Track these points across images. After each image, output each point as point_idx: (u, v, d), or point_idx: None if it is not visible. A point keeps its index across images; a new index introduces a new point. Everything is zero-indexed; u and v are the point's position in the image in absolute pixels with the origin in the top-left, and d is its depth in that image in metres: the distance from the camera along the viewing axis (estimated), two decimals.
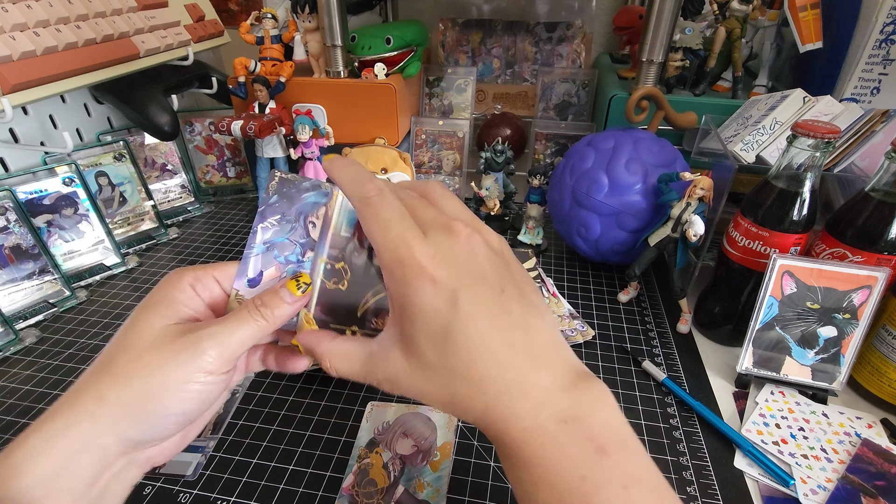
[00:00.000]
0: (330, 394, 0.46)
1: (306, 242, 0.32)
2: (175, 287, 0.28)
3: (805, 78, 0.68)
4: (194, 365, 0.25)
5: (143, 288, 0.61)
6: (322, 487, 0.38)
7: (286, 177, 0.32)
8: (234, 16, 1.04)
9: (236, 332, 0.27)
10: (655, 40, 0.61)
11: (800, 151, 0.43)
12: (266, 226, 0.31)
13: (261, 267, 0.31)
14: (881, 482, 0.38)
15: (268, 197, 0.32)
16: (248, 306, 0.28)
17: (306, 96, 0.72)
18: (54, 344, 0.52)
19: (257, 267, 0.31)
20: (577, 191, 0.58)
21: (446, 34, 0.93)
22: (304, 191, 0.32)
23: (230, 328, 0.27)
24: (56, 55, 0.54)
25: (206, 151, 0.80)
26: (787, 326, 0.45)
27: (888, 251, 0.42)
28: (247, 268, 0.31)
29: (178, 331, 0.26)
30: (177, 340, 0.26)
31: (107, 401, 0.24)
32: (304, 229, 0.32)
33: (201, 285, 0.29)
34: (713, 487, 0.38)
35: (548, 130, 0.81)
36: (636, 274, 0.55)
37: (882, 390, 0.45)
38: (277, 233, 0.32)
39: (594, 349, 0.52)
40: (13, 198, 0.54)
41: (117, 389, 0.25)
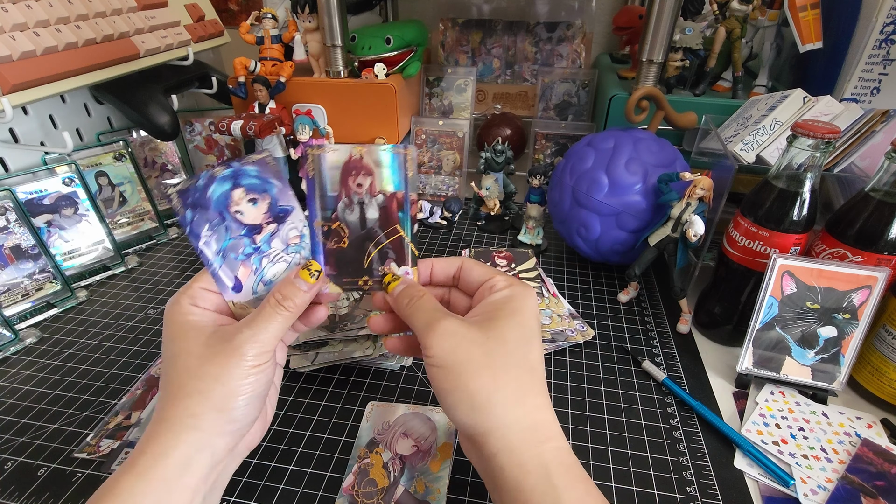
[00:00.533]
0: (330, 394, 0.46)
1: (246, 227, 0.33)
2: (182, 313, 0.31)
3: (805, 78, 0.68)
4: (242, 367, 0.29)
5: (143, 288, 0.61)
6: (322, 487, 0.38)
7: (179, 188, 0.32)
8: (234, 16, 1.04)
9: (267, 328, 0.30)
10: (655, 40, 0.61)
11: (800, 151, 0.43)
12: (205, 241, 0.32)
13: (232, 273, 0.33)
14: (881, 482, 0.38)
15: (184, 218, 0.32)
16: (270, 302, 0.31)
17: (306, 96, 0.72)
18: (54, 344, 0.52)
19: (229, 275, 0.33)
20: (577, 191, 0.58)
21: (446, 34, 0.93)
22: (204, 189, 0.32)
23: (261, 326, 0.30)
24: (56, 55, 0.54)
25: (206, 151, 0.80)
26: (787, 326, 0.45)
27: (888, 251, 0.42)
28: (222, 282, 0.32)
29: (217, 342, 0.30)
30: (219, 353, 0.29)
31: (200, 413, 0.29)
32: (233, 220, 0.33)
33: (199, 299, 0.32)
34: (713, 487, 0.38)
35: (548, 130, 0.81)
36: (636, 274, 0.55)
37: (882, 390, 0.45)
38: (218, 239, 0.32)
39: (594, 349, 0.52)
40: (13, 198, 0.54)
41: (203, 402, 0.29)
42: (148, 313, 0.56)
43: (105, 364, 0.49)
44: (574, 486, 0.28)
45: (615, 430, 0.43)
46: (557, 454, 0.28)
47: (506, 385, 0.29)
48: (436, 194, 0.80)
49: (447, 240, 0.71)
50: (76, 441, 0.41)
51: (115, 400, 0.45)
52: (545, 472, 0.27)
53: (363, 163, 0.33)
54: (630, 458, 0.41)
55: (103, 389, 0.46)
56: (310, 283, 0.32)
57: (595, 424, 0.43)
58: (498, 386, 0.28)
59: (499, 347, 0.29)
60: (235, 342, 0.29)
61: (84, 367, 0.49)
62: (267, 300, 0.31)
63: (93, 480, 0.38)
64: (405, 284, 0.33)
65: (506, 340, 0.30)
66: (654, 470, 0.40)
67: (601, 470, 0.40)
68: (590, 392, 0.47)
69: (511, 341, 0.30)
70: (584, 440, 0.42)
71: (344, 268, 0.34)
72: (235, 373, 0.29)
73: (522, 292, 0.32)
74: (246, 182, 0.33)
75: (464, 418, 0.29)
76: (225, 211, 0.32)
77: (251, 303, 0.33)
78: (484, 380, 0.28)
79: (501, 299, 0.32)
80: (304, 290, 0.32)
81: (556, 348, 0.51)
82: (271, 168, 0.33)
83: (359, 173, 0.33)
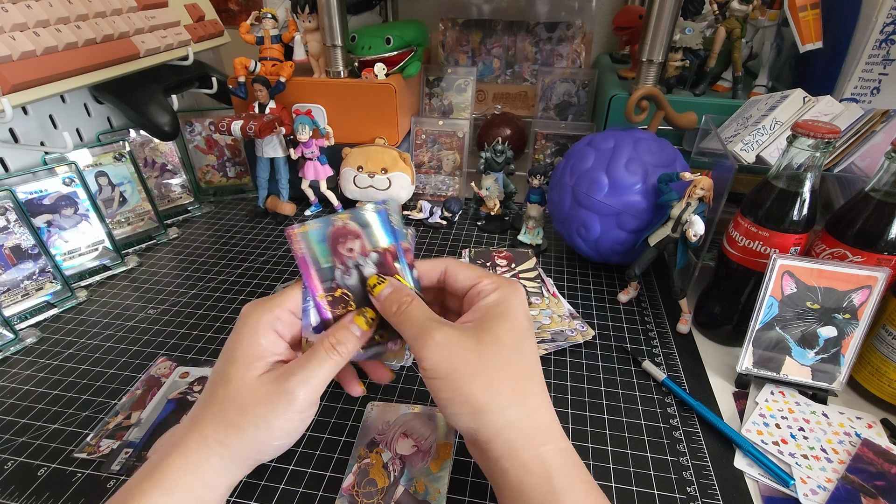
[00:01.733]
0: (330, 394, 0.46)
1: None
2: (260, 335, 0.31)
3: (805, 78, 0.68)
4: (290, 409, 0.30)
5: (143, 288, 0.61)
6: (322, 487, 0.38)
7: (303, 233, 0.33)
8: (234, 16, 1.04)
9: (318, 372, 0.31)
10: (655, 40, 0.61)
11: (800, 151, 0.43)
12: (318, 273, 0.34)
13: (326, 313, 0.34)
14: (881, 482, 0.38)
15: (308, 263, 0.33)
16: (325, 345, 0.31)
17: (306, 96, 0.72)
18: (54, 344, 0.52)
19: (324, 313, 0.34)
20: (577, 191, 0.58)
21: (446, 34, 0.93)
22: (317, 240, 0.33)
23: (313, 370, 0.30)
24: (56, 55, 0.54)
25: (206, 151, 0.80)
26: (787, 326, 0.45)
27: (888, 251, 0.42)
28: (309, 316, 0.33)
29: (270, 381, 0.30)
30: (273, 393, 0.30)
31: (229, 445, 0.30)
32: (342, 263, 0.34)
33: (282, 325, 0.32)
34: (713, 487, 0.38)
35: (548, 130, 0.81)
36: (636, 274, 0.55)
37: (882, 390, 0.45)
38: None
39: (594, 349, 0.52)
40: (13, 198, 0.54)
41: (236, 437, 0.30)
42: (148, 313, 0.56)
43: (105, 364, 0.49)
44: (574, 487, 0.28)
45: (615, 430, 0.43)
46: (559, 456, 0.29)
47: (503, 388, 0.29)
48: (436, 194, 0.80)
49: (447, 240, 0.71)
50: (76, 441, 0.41)
51: (115, 400, 0.45)
52: (546, 473, 0.28)
53: (348, 228, 0.33)
54: (630, 458, 0.41)
55: (103, 389, 0.46)
56: (364, 329, 0.32)
57: (595, 424, 0.43)
58: (495, 390, 0.29)
59: (493, 352, 0.29)
60: (288, 385, 0.30)
61: (84, 367, 0.49)
62: (320, 343, 0.31)
63: (93, 480, 0.38)
64: (392, 288, 0.32)
65: (499, 344, 0.30)
66: (654, 470, 0.40)
67: (601, 470, 0.40)
68: (590, 392, 0.47)
69: (505, 344, 0.30)
70: (584, 440, 0.42)
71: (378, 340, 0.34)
72: (281, 415, 0.30)
73: (511, 293, 0.32)
74: None
75: (466, 425, 0.29)
76: None
77: None
78: (480, 385, 0.28)
79: (491, 303, 0.32)
80: (358, 335, 0.32)
81: (556, 348, 0.51)
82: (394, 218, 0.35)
83: (347, 239, 0.33)
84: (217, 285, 0.61)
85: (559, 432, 0.30)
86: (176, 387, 0.46)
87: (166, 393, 0.46)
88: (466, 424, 0.29)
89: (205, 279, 0.62)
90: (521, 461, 0.28)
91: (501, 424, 0.28)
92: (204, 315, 0.56)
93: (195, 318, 0.55)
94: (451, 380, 0.29)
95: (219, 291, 0.60)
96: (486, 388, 0.28)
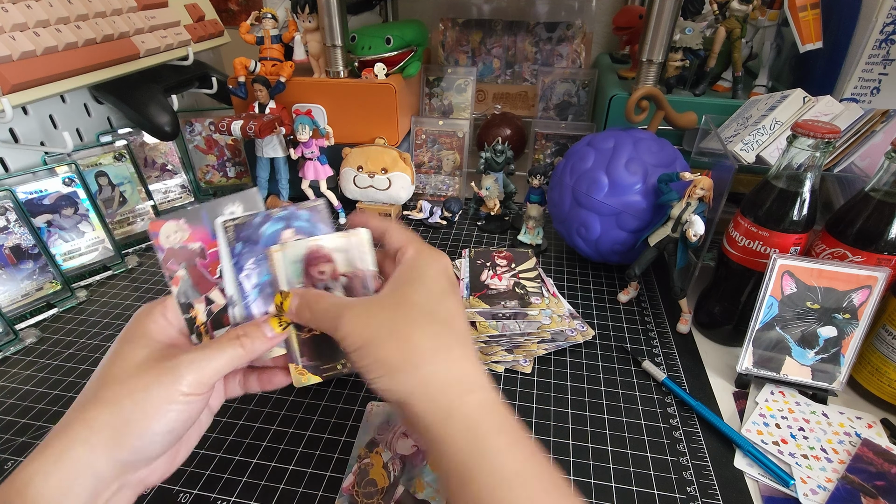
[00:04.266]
0: (330, 394, 0.46)
1: None
2: (149, 319, 0.31)
3: (805, 78, 0.68)
4: (174, 387, 0.28)
5: (143, 288, 0.61)
6: (322, 487, 0.38)
7: (236, 222, 0.33)
8: (234, 16, 1.04)
9: (214, 358, 0.29)
10: (655, 40, 0.61)
11: (800, 151, 0.43)
12: (247, 273, 0.33)
13: (265, 309, 0.34)
14: (881, 482, 0.38)
15: (231, 249, 0.33)
16: (229, 335, 0.31)
17: (306, 96, 0.72)
18: (54, 344, 0.52)
19: (261, 310, 0.33)
20: (577, 191, 0.58)
21: (446, 34, 0.93)
22: (258, 227, 0.33)
23: (208, 355, 0.29)
24: (56, 55, 0.54)
25: (206, 151, 0.80)
26: (787, 326, 0.45)
27: (888, 251, 0.42)
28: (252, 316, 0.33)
29: (159, 357, 0.29)
30: (158, 366, 0.28)
31: (96, 427, 0.26)
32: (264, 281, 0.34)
33: (171, 314, 0.32)
34: (713, 487, 0.38)
35: (548, 130, 0.81)
36: (636, 274, 0.55)
37: (882, 390, 0.45)
38: (260, 273, 0.33)
39: (594, 349, 0.52)
40: (13, 198, 0.54)
41: (107, 414, 0.27)
42: None
43: None
44: (501, 431, 0.27)
45: (615, 430, 0.43)
46: (484, 404, 0.28)
47: (416, 347, 0.28)
48: (436, 194, 0.80)
49: (447, 240, 0.71)
50: None
51: None
52: (471, 420, 0.27)
53: (322, 252, 0.34)
54: (630, 458, 0.41)
55: None
56: (276, 331, 0.32)
57: (595, 424, 0.43)
58: (409, 349, 0.28)
59: (405, 314, 0.29)
60: (176, 361, 0.28)
61: (84, 367, 0.49)
62: (226, 334, 0.31)
63: None
64: (297, 297, 0.32)
65: (411, 303, 0.29)
66: (654, 470, 0.40)
67: (601, 470, 0.40)
68: (590, 392, 0.47)
69: (417, 306, 0.29)
70: (584, 440, 0.42)
71: (320, 355, 0.34)
72: (161, 392, 0.27)
73: (427, 256, 0.32)
74: (296, 224, 0.34)
75: (386, 387, 0.28)
76: None
77: None
78: (393, 347, 0.28)
79: (407, 266, 0.32)
80: (269, 336, 0.31)
81: (556, 348, 0.51)
82: (322, 215, 0.35)
83: (319, 261, 0.34)
84: None
85: (484, 382, 0.29)
86: None
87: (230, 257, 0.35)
88: (386, 386, 0.28)
89: None
90: (442, 411, 0.27)
91: (418, 381, 0.28)
92: None
93: None
94: (366, 346, 0.28)
95: None
96: (399, 349, 0.28)
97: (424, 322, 0.29)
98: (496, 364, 0.49)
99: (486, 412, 0.28)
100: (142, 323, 0.31)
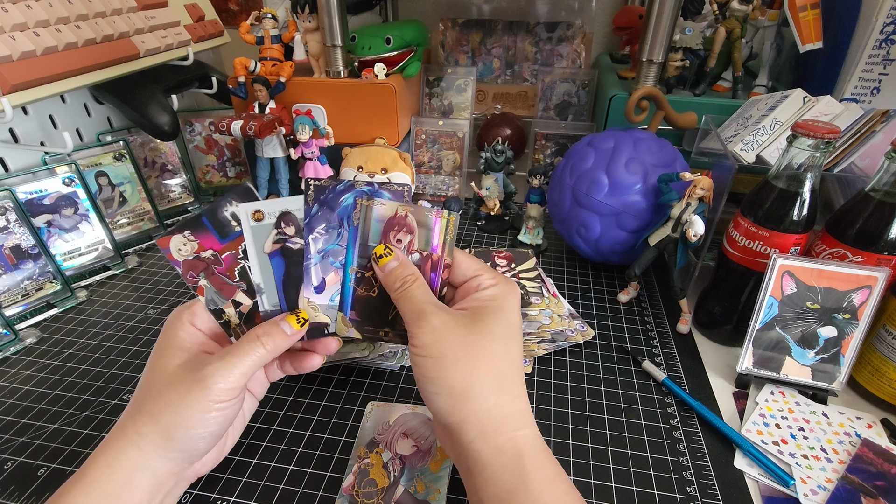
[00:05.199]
0: (330, 394, 0.46)
1: None
2: (177, 328, 0.33)
3: (805, 78, 0.67)
4: (205, 399, 0.30)
5: (143, 288, 0.61)
6: (322, 487, 0.38)
7: (320, 184, 0.33)
8: (234, 16, 1.04)
9: (238, 364, 0.31)
10: (655, 40, 0.61)
11: (800, 151, 0.43)
12: (315, 236, 0.34)
13: (322, 274, 0.34)
14: (881, 482, 0.38)
15: (309, 208, 0.33)
16: (250, 337, 0.32)
17: (306, 96, 0.72)
18: (54, 344, 0.52)
19: (319, 275, 0.34)
20: (577, 191, 0.58)
21: (446, 34, 0.93)
22: (339, 194, 0.34)
23: (232, 362, 0.31)
24: (56, 55, 0.54)
25: (206, 151, 0.80)
26: (787, 326, 0.45)
27: (888, 251, 0.42)
28: (310, 278, 0.34)
29: (189, 367, 0.31)
30: (188, 378, 0.30)
31: (145, 434, 0.30)
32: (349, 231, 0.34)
33: (199, 320, 0.33)
34: (713, 487, 0.38)
35: (548, 130, 0.81)
36: (636, 274, 0.55)
37: (882, 390, 0.45)
38: (327, 241, 0.34)
39: (594, 349, 0.52)
40: (13, 198, 0.54)
41: (152, 424, 0.30)
42: (148, 313, 0.56)
43: (105, 364, 0.49)
44: (543, 467, 0.29)
45: (615, 430, 0.43)
46: (530, 440, 0.30)
47: (486, 376, 0.30)
48: (436, 194, 0.80)
49: None
50: (76, 441, 0.41)
51: (114, 400, 0.45)
52: (518, 454, 0.29)
53: (406, 221, 0.34)
54: (630, 458, 0.41)
55: (103, 389, 0.46)
56: (295, 328, 0.33)
57: (595, 424, 0.43)
58: (478, 377, 0.29)
59: (481, 342, 0.30)
60: (202, 373, 0.30)
61: (84, 367, 0.49)
62: (247, 335, 0.32)
63: None
64: (398, 262, 0.33)
65: (490, 335, 0.30)
66: (654, 470, 0.40)
67: (601, 470, 0.40)
68: (590, 392, 0.47)
69: (496, 336, 0.31)
70: (584, 440, 0.42)
71: (368, 316, 0.35)
72: (195, 405, 0.30)
73: (508, 290, 0.33)
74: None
75: (441, 405, 0.30)
76: (346, 219, 0.34)
77: (323, 308, 0.35)
78: (464, 371, 0.29)
79: (489, 296, 0.32)
80: (288, 333, 0.33)
81: (556, 348, 0.51)
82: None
83: (401, 229, 0.34)
84: None
85: (531, 421, 0.31)
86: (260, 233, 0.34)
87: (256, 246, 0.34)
88: (442, 405, 0.30)
89: None
90: (494, 443, 0.29)
91: (476, 410, 0.29)
92: None
93: None
94: (437, 360, 0.29)
95: None
96: (468, 374, 0.29)
97: (496, 354, 0.30)
98: None
99: (531, 448, 0.29)
100: (171, 333, 0.32)
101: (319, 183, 0.33)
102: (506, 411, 0.30)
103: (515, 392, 0.31)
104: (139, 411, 0.30)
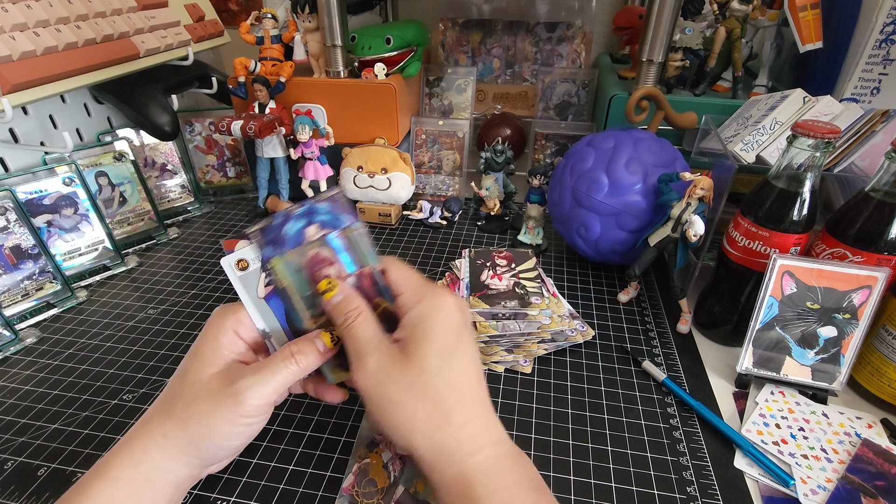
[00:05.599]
0: None
1: None
2: (220, 332, 0.32)
3: (805, 78, 0.68)
4: (235, 413, 0.30)
5: (143, 288, 0.61)
6: (322, 487, 0.38)
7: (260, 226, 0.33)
8: (234, 16, 1.04)
9: (270, 381, 0.31)
10: (655, 40, 0.61)
11: (800, 151, 0.43)
12: None
13: None
14: (881, 482, 0.38)
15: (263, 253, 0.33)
16: (283, 353, 0.31)
17: (306, 96, 0.72)
18: (54, 344, 0.52)
19: None
20: (577, 191, 0.58)
21: (446, 34, 0.93)
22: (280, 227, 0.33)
23: (265, 377, 0.31)
24: (56, 55, 0.54)
25: (206, 151, 0.80)
26: (787, 326, 0.45)
27: (888, 251, 0.42)
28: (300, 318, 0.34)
29: (223, 378, 0.31)
30: (221, 390, 0.30)
31: (171, 437, 0.30)
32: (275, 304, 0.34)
33: (243, 328, 0.33)
34: (713, 487, 0.38)
35: (548, 130, 0.81)
36: (636, 274, 0.55)
37: (882, 390, 0.45)
38: None
39: (594, 349, 0.52)
40: (13, 198, 0.54)
41: (178, 430, 0.30)
42: (148, 313, 0.56)
43: (105, 364, 0.49)
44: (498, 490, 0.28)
45: (615, 430, 0.43)
46: (485, 464, 0.29)
47: (423, 413, 0.29)
48: (436, 194, 0.80)
49: (447, 240, 0.71)
50: (76, 441, 0.41)
51: (114, 400, 0.45)
52: (468, 486, 0.28)
53: (321, 256, 0.33)
54: (630, 458, 0.41)
55: (103, 389, 0.46)
56: (329, 346, 0.33)
57: (595, 424, 0.43)
58: (415, 415, 0.29)
59: (415, 378, 0.29)
60: (236, 387, 0.30)
61: (84, 367, 0.49)
62: (280, 351, 0.32)
63: None
64: (342, 295, 0.32)
65: (420, 369, 0.29)
66: (654, 470, 0.40)
67: (601, 470, 0.40)
68: (590, 392, 0.47)
69: (426, 369, 0.29)
70: (584, 440, 0.42)
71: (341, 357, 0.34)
72: (224, 417, 0.30)
73: (434, 305, 0.31)
74: (318, 219, 0.34)
75: (397, 442, 0.30)
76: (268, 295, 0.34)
77: None
78: (403, 412, 0.29)
79: (415, 319, 0.31)
80: (321, 351, 0.32)
81: (556, 348, 0.51)
82: (342, 204, 0.34)
83: (322, 265, 0.33)
84: (217, 285, 0.61)
85: (494, 438, 0.30)
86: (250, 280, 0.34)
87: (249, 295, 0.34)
88: (397, 441, 0.30)
89: (205, 279, 0.62)
90: (445, 477, 0.29)
91: (426, 448, 0.29)
92: (204, 315, 0.56)
93: (195, 318, 0.55)
94: (376, 404, 0.30)
95: (219, 291, 0.60)
96: (409, 418, 0.29)
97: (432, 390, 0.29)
98: (496, 364, 0.49)
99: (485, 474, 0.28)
100: (213, 336, 0.32)
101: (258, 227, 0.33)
102: (454, 442, 0.29)
103: (466, 415, 0.30)
104: (168, 414, 0.30)
